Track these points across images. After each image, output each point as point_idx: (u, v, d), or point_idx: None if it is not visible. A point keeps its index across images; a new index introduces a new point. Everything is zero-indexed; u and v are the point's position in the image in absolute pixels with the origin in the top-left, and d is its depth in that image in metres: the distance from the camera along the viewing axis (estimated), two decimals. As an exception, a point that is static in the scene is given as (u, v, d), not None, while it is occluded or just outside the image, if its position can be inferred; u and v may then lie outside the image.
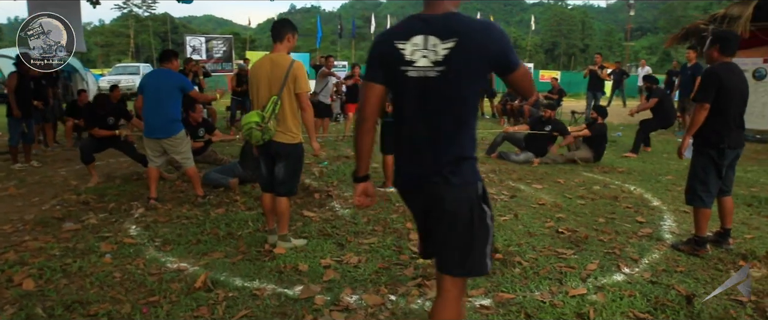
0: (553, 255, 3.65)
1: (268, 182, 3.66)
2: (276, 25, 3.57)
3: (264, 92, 3.47)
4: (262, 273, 3.24)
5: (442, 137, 1.75)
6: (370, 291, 3.01)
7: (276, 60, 3.47)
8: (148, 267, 3.34)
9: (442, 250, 1.85)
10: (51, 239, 3.91)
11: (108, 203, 4.91)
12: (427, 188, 1.80)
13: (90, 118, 5.84)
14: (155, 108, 4.66)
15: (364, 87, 1.88)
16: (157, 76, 4.80)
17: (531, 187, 5.70)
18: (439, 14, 1.72)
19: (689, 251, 3.70)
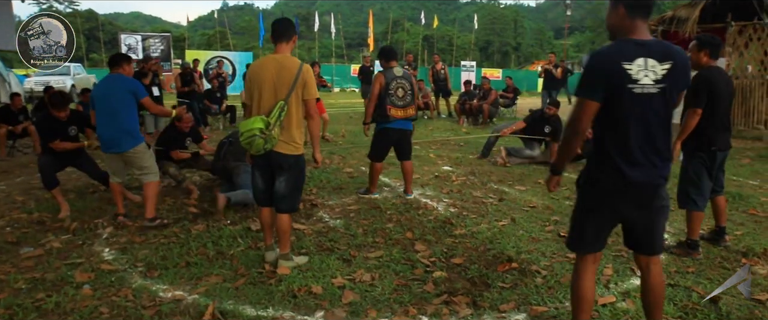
0: (566, 260, 3.59)
1: (266, 195, 3.35)
2: (280, 24, 3.29)
3: (268, 97, 3.15)
4: (273, 298, 2.94)
5: (658, 143, 2.11)
6: (399, 313, 2.81)
7: (283, 62, 3.17)
8: (138, 299, 2.95)
9: (653, 236, 2.27)
10: (10, 268, 3.41)
11: (67, 223, 4.39)
12: (647, 187, 2.14)
13: (49, 129, 4.77)
14: (109, 120, 4.16)
15: (582, 104, 2.09)
16: (106, 84, 4.30)
17: (514, 189, 5.67)
18: (650, 40, 2.09)
19: (683, 254, 3.73)
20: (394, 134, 4.95)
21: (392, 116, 4.82)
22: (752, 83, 9.30)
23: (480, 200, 5.14)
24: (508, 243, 3.88)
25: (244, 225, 4.24)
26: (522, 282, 3.22)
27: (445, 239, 4.00)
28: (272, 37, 3.26)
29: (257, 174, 3.32)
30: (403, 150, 5.09)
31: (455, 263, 3.53)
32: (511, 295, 3.05)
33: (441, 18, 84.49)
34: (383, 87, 4.80)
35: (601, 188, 2.19)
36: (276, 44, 3.26)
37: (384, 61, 5.01)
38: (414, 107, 4.94)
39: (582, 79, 2.10)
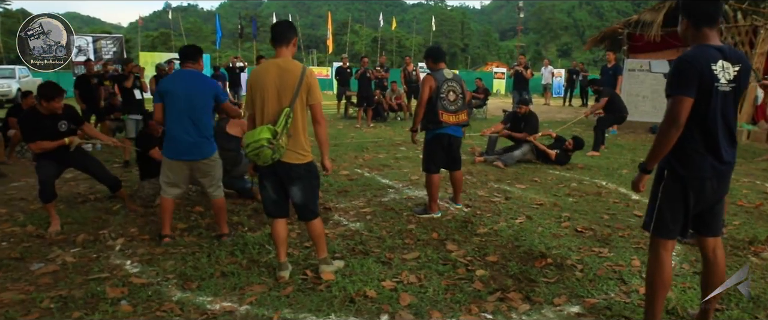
0: (594, 254, 3.72)
1: (277, 206, 3.20)
2: (280, 27, 3.11)
3: (272, 104, 2.98)
4: (332, 305, 2.89)
5: (731, 135, 2.40)
6: (463, 312, 2.82)
7: (284, 66, 3.01)
8: (186, 312, 2.82)
9: (720, 218, 2.58)
10: (28, 287, 3.17)
11: (70, 235, 4.12)
12: (727, 173, 2.43)
13: (32, 126, 4.21)
14: (189, 123, 3.73)
15: (679, 100, 2.28)
16: (186, 80, 3.78)
17: (515, 187, 5.80)
18: (724, 45, 2.36)
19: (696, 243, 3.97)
20: (445, 140, 4.56)
21: (444, 122, 4.46)
22: None
23: (488, 200, 5.23)
24: (534, 240, 3.98)
25: (265, 232, 4.13)
26: (563, 277, 3.31)
27: (471, 238, 4.05)
28: (271, 40, 3.10)
29: (267, 185, 3.15)
30: (454, 158, 4.70)
31: (491, 261, 3.59)
32: (558, 289, 3.13)
33: (387, 20, 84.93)
34: (434, 91, 4.45)
35: (689, 177, 2.38)
36: (276, 48, 3.09)
37: (432, 63, 4.59)
38: (466, 111, 4.66)
39: (676, 79, 2.29)
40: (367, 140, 9.42)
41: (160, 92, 3.81)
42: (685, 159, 2.39)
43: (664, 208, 2.45)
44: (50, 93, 4.24)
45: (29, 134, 4.25)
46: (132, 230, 4.24)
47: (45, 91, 4.26)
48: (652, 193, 2.54)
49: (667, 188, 2.46)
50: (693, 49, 2.35)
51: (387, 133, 10.42)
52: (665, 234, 2.50)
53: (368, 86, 11.15)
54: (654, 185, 2.53)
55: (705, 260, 2.62)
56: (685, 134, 2.34)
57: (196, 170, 3.87)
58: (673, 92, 2.30)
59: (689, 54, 2.31)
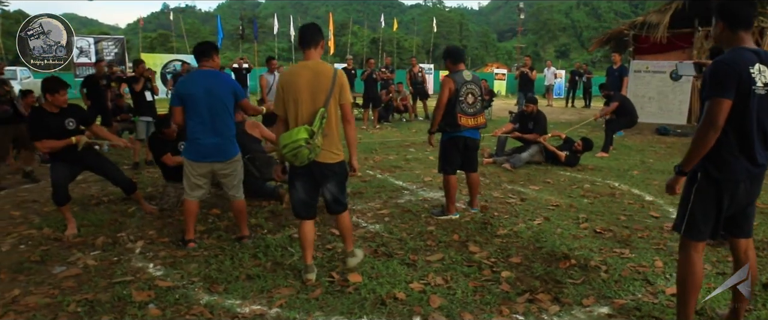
0: (616, 255, 3.72)
1: (308, 207, 3.23)
2: (308, 30, 3.15)
3: (306, 105, 3.03)
4: (363, 307, 2.88)
5: (765, 137, 2.39)
6: (494, 314, 2.82)
7: (317, 68, 3.06)
8: (217, 316, 2.81)
9: (749, 221, 2.57)
10: (53, 290, 3.15)
11: (88, 238, 4.10)
12: (756, 175, 2.42)
13: (38, 123, 4.17)
14: (210, 124, 3.67)
15: (718, 102, 2.28)
16: (205, 80, 3.70)
17: (529, 189, 5.80)
18: (759, 49, 2.38)
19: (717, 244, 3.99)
20: (461, 143, 4.53)
21: (462, 125, 4.42)
22: None
23: (503, 201, 5.23)
24: (555, 241, 3.98)
25: (285, 234, 4.12)
26: (588, 278, 3.31)
27: (493, 240, 4.04)
28: (300, 43, 3.15)
29: (299, 186, 3.17)
30: (471, 161, 4.67)
31: (515, 262, 3.58)
32: (585, 290, 3.13)
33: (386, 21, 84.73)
34: (453, 93, 4.40)
35: (723, 179, 2.39)
36: (305, 51, 3.14)
37: (451, 64, 4.52)
38: (483, 114, 4.63)
39: (715, 81, 2.28)
40: (375, 141, 9.42)
41: (179, 94, 3.77)
42: (719, 161, 2.39)
43: (696, 210, 2.45)
44: (54, 86, 4.20)
45: (36, 132, 4.19)
46: (150, 233, 4.23)
47: (49, 85, 4.21)
48: (683, 195, 2.54)
49: (700, 190, 2.46)
50: (730, 52, 2.35)
51: (394, 134, 10.42)
52: (696, 236, 2.51)
53: (374, 88, 11.15)
54: (686, 187, 2.53)
55: (736, 261, 2.63)
56: (721, 137, 2.34)
57: (218, 171, 3.85)
58: (712, 94, 2.30)
59: (727, 57, 2.31)
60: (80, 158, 4.38)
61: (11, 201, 5.33)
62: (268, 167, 4.91)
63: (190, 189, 3.87)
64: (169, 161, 4.89)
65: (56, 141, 4.21)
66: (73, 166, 4.39)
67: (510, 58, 69.25)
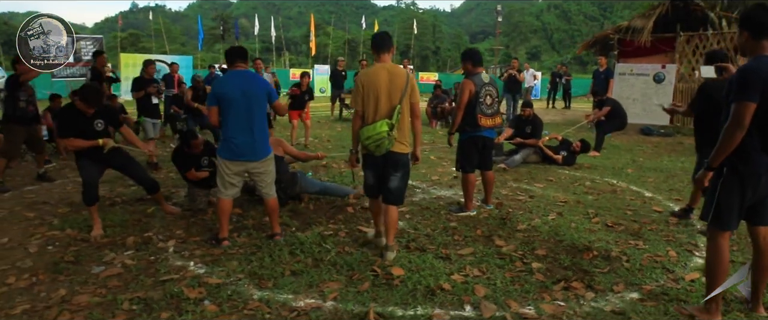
0: (632, 247, 3.96)
1: (375, 188, 3.73)
2: (382, 37, 3.63)
3: (385, 102, 3.49)
4: (415, 297, 3.03)
5: None
6: (537, 300, 3.00)
7: (393, 70, 3.53)
8: (275, 310, 2.89)
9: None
10: (100, 289, 3.19)
11: (115, 238, 4.12)
12: None
13: (70, 122, 4.19)
14: (246, 123, 3.78)
15: (745, 106, 2.48)
16: (242, 81, 3.79)
17: (534, 186, 6.03)
18: None
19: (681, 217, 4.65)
20: (480, 142, 4.73)
21: (482, 125, 4.61)
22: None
23: (513, 198, 5.44)
24: (573, 234, 4.20)
25: (315, 231, 4.22)
26: (613, 267, 3.53)
27: (514, 234, 4.24)
28: (375, 49, 3.62)
29: (370, 173, 3.67)
30: (486, 159, 4.87)
31: (541, 254, 3.78)
32: (613, 278, 3.35)
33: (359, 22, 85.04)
34: (473, 95, 4.57)
35: (747, 173, 2.61)
36: (380, 55, 3.60)
37: (471, 66, 4.68)
38: (500, 115, 4.83)
39: (741, 86, 2.53)
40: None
41: (217, 94, 3.85)
42: (745, 157, 2.63)
43: (722, 202, 2.68)
44: (91, 98, 4.23)
45: (64, 129, 4.21)
46: (178, 232, 4.28)
47: (87, 94, 4.24)
48: (710, 188, 2.77)
49: (725, 183, 2.69)
50: (754, 59, 2.59)
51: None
52: (722, 226, 2.74)
53: None
54: (713, 181, 2.76)
55: (756, 247, 2.85)
56: (745, 135, 2.58)
57: (252, 170, 3.93)
58: (739, 98, 2.53)
59: (753, 65, 2.55)
60: (107, 158, 4.38)
61: (20, 203, 5.27)
62: (293, 185, 4.94)
63: (224, 188, 3.94)
64: (193, 177, 4.93)
65: (82, 141, 4.21)
66: (100, 165, 4.40)
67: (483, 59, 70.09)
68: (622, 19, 69.00)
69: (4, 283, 3.31)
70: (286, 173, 4.88)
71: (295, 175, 4.95)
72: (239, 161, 3.88)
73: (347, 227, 4.36)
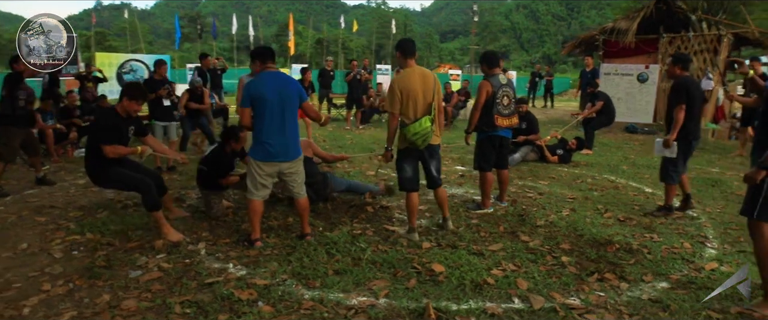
0: (649, 239, 4.16)
1: (414, 182, 4.13)
2: (410, 43, 4.08)
3: (421, 102, 3.95)
4: (465, 292, 3.14)
5: None
6: (578, 291, 3.15)
7: (422, 72, 4.00)
8: (331, 309, 2.94)
9: None
10: (145, 294, 3.17)
11: (144, 241, 4.08)
12: None
13: (111, 126, 4.14)
14: (281, 125, 3.82)
15: None
16: (276, 82, 3.81)
17: (539, 184, 6.23)
18: None
19: (663, 214, 4.81)
20: (497, 141, 4.87)
21: (499, 125, 4.75)
22: None
23: (523, 196, 5.60)
24: (591, 229, 4.38)
25: (343, 231, 4.28)
26: (637, 259, 3.71)
27: (536, 230, 4.39)
28: (403, 54, 4.03)
29: (408, 166, 4.10)
30: (503, 158, 5.03)
31: (566, 248, 3.94)
32: (641, 269, 3.53)
33: (329, 21, 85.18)
34: (490, 95, 4.71)
35: None
36: (407, 59, 4.03)
37: (487, 68, 4.84)
38: (517, 115, 4.98)
39: None
40: (367, 141, 9.60)
41: (251, 96, 3.85)
42: None
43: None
44: (140, 93, 4.26)
45: (108, 135, 4.10)
46: (204, 234, 4.27)
47: (134, 91, 4.24)
48: (758, 186, 2.86)
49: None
50: None
51: (381, 134, 10.64)
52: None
53: (358, 89, 11.32)
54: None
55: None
56: None
57: (285, 170, 3.97)
58: None
59: None
60: (125, 160, 4.34)
61: (27, 207, 5.14)
62: (324, 188, 4.95)
63: (255, 189, 3.95)
64: (228, 182, 4.83)
65: (123, 148, 4.17)
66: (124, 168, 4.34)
67: (453, 58, 70.91)
68: (588, 19, 71.29)
69: (40, 290, 3.26)
70: (317, 175, 4.89)
71: (326, 176, 4.98)
72: (273, 162, 3.91)
73: (373, 227, 4.43)
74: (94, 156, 4.20)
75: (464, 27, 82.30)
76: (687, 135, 4.69)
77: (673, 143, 4.64)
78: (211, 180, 4.81)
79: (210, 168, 4.81)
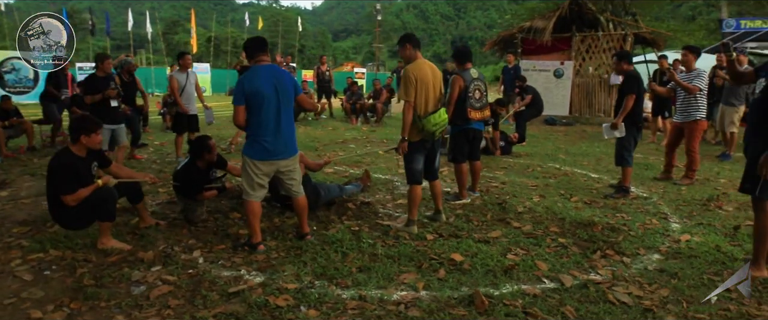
0: (622, 219, 4.59)
1: (421, 174, 4.22)
2: (415, 38, 4.20)
3: (432, 94, 4.07)
4: (496, 276, 3.26)
5: None
6: (592, 267, 3.40)
7: (431, 66, 4.15)
8: (382, 306, 2.89)
9: None
10: (165, 310, 2.88)
11: (125, 254, 3.69)
12: None
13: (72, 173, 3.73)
14: (275, 121, 3.63)
15: None
16: (271, 76, 3.62)
17: (496, 173, 6.54)
18: None
19: (620, 196, 5.30)
20: (471, 134, 5.04)
21: (471, 118, 4.90)
22: (593, 81, 12.08)
23: (489, 186, 5.84)
24: (569, 212, 4.72)
25: (338, 229, 4.20)
26: (623, 236, 4.08)
27: (521, 216, 4.63)
28: (415, 46, 4.11)
29: (419, 158, 4.16)
30: (475, 150, 5.22)
31: (557, 231, 4.22)
32: (632, 244, 3.89)
33: (217, 19, 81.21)
34: (463, 90, 4.84)
35: None
36: (417, 51, 4.14)
37: (459, 64, 5.00)
38: (488, 107, 5.16)
39: None
40: (308, 141, 9.37)
41: (246, 92, 3.63)
42: None
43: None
44: (92, 126, 3.82)
45: (71, 183, 3.69)
46: (191, 242, 3.96)
47: (87, 124, 3.83)
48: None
49: None
50: None
51: (317, 133, 10.44)
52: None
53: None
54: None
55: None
56: None
57: (283, 168, 3.80)
58: None
59: None
60: None
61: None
62: (316, 200, 4.63)
63: (252, 190, 3.75)
64: (205, 197, 4.51)
65: (85, 190, 3.71)
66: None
67: (346, 57, 71.37)
68: (475, 20, 75.59)
69: (28, 317, 2.85)
70: (308, 186, 4.57)
71: (317, 188, 4.74)
72: (271, 161, 3.73)
73: (365, 223, 4.39)
74: (60, 205, 3.75)
75: (356, 26, 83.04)
76: (637, 121, 5.24)
77: (620, 124, 5.20)
78: (187, 192, 4.46)
79: (182, 184, 4.46)
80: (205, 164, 4.49)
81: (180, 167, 4.61)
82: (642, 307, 2.86)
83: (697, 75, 5.83)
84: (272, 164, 3.74)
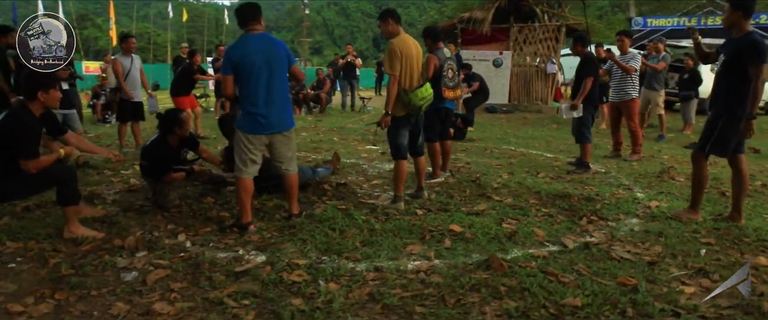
0: (591, 190, 4.83)
1: (406, 149, 4.23)
2: (396, 14, 4.13)
3: (416, 69, 4.08)
4: (502, 243, 3.33)
5: None
6: (584, 232, 3.55)
7: (415, 42, 4.11)
8: (402, 275, 2.84)
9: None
10: (169, 294, 2.67)
11: (86, 245, 3.37)
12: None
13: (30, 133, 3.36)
14: (267, 92, 3.45)
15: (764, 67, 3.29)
16: (262, 45, 3.46)
17: (458, 156, 6.65)
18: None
19: (582, 171, 5.58)
20: (443, 113, 5.07)
21: (446, 98, 4.90)
22: (530, 71, 12.59)
23: (456, 166, 5.93)
24: (542, 186, 4.89)
25: (329, 205, 4.10)
26: (599, 204, 4.29)
27: (498, 190, 4.74)
28: (397, 21, 4.08)
29: (405, 132, 4.15)
30: (446, 129, 5.30)
31: (537, 203, 4.36)
32: (610, 210, 4.11)
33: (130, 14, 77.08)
34: (438, 69, 4.81)
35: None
36: (399, 27, 4.09)
37: (431, 42, 4.97)
38: (460, 87, 5.20)
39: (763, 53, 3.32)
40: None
41: (233, 62, 3.44)
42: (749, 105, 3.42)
43: (730, 138, 3.55)
44: (51, 82, 3.47)
45: (31, 145, 3.32)
46: (170, 227, 3.69)
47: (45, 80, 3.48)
48: (725, 129, 3.54)
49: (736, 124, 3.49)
50: (753, 33, 3.46)
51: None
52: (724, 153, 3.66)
53: None
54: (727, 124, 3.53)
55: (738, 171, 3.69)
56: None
57: (277, 143, 3.63)
58: (762, 61, 3.35)
59: (759, 36, 3.44)
60: None
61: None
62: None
63: (244, 165, 3.56)
64: (173, 179, 4.20)
65: (46, 157, 3.36)
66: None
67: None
68: (396, 17, 75.75)
69: (7, 312, 2.52)
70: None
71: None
72: (265, 134, 3.56)
73: (350, 202, 4.30)
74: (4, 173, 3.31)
75: (276, 22, 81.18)
76: (594, 100, 5.56)
77: (579, 105, 5.44)
78: (155, 172, 4.15)
79: (151, 163, 4.15)
80: (177, 141, 4.20)
81: (149, 143, 4.29)
82: (645, 261, 3.02)
83: (632, 57, 6.36)
84: (266, 138, 3.59)
